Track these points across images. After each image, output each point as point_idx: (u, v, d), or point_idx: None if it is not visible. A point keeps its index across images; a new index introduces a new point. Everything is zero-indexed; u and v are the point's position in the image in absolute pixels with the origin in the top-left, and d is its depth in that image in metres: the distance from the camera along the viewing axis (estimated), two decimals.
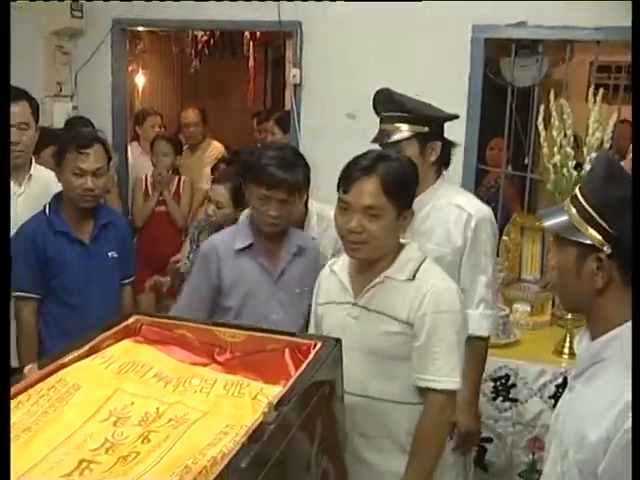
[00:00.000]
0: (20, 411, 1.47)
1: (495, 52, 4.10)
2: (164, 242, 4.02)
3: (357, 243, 1.91)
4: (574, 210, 1.40)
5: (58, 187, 2.73)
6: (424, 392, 1.95)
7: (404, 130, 2.37)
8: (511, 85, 4.04)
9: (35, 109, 2.85)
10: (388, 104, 2.43)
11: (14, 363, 2.56)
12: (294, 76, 4.12)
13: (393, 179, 1.88)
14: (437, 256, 2.24)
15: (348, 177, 1.91)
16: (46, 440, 1.42)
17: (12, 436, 1.40)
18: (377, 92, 2.49)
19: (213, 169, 4.25)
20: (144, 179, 4.46)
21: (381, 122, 2.48)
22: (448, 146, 2.45)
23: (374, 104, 2.52)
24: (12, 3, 3.89)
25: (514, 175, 4.41)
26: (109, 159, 2.75)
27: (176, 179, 4.41)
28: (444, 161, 2.46)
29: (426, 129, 2.37)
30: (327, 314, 2.09)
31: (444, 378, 1.89)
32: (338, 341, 1.78)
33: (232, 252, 2.43)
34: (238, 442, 1.34)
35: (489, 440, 3.03)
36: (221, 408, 1.55)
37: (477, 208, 2.42)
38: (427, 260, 2.00)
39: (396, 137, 2.37)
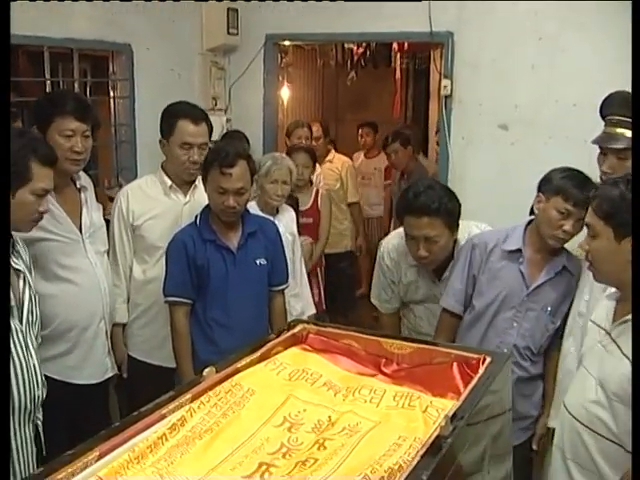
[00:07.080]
0: (202, 412, 1.53)
1: None
2: None
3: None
4: None
5: None
6: None
7: (629, 138, 2.32)
8: None
9: (210, 129, 2.96)
10: (623, 107, 2.36)
11: (171, 364, 2.78)
12: (445, 87, 4.07)
13: (607, 206, 1.86)
14: None
15: None
16: (227, 441, 1.48)
17: (195, 435, 1.47)
18: (614, 93, 2.45)
19: None
20: None
21: (607, 125, 2.43)
22: None
23: (605, 104, 2.47)
24: (176, 22, 4.15)
25: None
26: (253, 173, 2.77)
27: (313, 191, 4.31)
28: None
29: None
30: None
31: None
32: (508, 357, 1.74)
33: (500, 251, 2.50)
34: (416, 454, 1.34)
35: None
36: (392, 419, 1.56)
37: None
38: None
39: (624, 144, 2.33)
